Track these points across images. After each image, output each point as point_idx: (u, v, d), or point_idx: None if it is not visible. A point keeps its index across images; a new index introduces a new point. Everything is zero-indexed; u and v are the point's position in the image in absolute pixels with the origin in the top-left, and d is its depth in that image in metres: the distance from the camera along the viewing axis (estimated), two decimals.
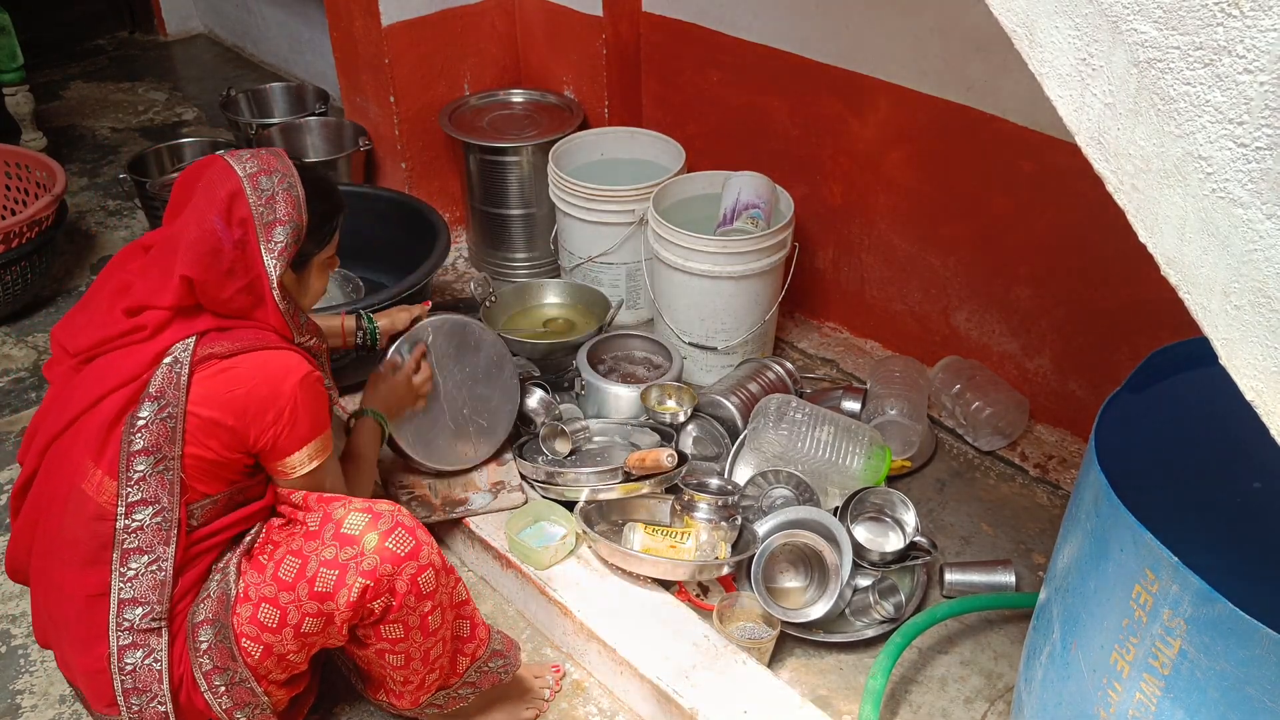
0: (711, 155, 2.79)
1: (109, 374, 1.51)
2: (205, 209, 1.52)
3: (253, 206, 1.52)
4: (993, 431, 2.37)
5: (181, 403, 1.48)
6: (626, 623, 1.88)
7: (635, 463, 2.03)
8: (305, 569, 1.49)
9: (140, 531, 1.49)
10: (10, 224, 2.74)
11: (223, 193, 1.52)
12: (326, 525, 1.51)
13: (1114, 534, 1.18)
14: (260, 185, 1.53)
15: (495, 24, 3.04)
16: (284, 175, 1.56)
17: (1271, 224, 0.76)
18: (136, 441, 1.47)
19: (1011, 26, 0.90)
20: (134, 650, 1.51)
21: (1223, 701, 1.08)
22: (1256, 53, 0.73)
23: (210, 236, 1.50)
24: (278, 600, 1.49)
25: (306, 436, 1.57)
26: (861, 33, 2.36)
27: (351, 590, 1.47)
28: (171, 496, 1.50)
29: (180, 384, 1.48)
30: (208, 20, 5.06)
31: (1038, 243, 2.25)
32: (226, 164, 1.55)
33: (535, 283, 2.76)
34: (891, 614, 1.93)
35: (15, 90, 3.73)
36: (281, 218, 1.54)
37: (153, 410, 1.47)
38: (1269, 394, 0.81)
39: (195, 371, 1.49)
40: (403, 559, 1.50)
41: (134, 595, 1.50)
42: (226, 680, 1.53)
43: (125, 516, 1.48)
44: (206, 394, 1.49)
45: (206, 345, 1.51)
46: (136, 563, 1.49)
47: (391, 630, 1.54)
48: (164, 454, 1.48)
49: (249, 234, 1.53)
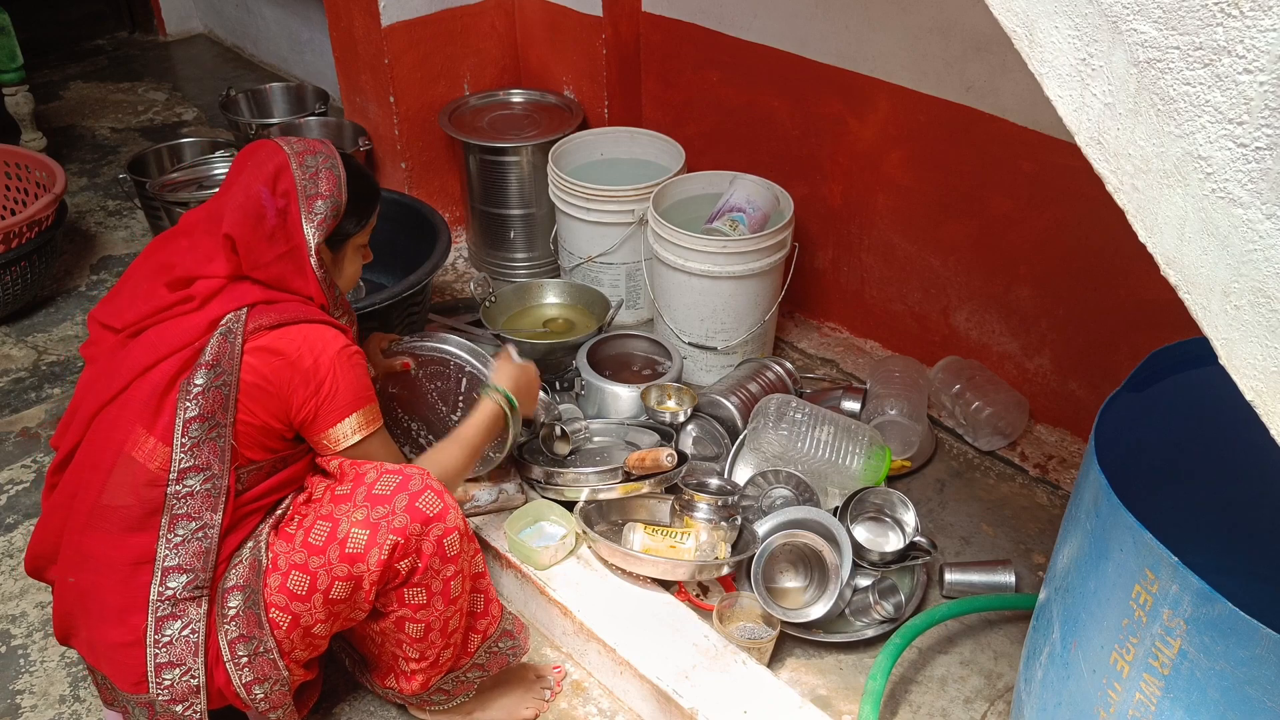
0: (711, 155, 2.79)
1: (160, 343, 1.55)
2: (252, 180, 1.61)
3: (297, 180, 1.62)
4: (993, 431, 2.37)
5: (236, 371, 1.54)
6: (626, 623, 1.88)
7: (635, 462, 2.03)
8: (336, 531, 1.51)
9: (190, 498, 1.53)
10: (10, 224, 2.74)
11: (270, 166, 1.62)
12: (358, 489, 1.55)
13: (1114, 534, 1.18)
14: (305, 162, 1.64)
15: (495, 24, 3.04)
16: (328, 156, 1.67)
17: (1271, 224, 0.76)
18: (191, 408, 1.51)
19: (1011, 26, 0.90)
20: (172, 621, 1.52)
21: (1222, 701, 1.08)
22: (1256, 53, 0.73)
23: (255, 201, 1.59)
24: (308, 565, 1.51)
25: (349, 406, 1.61)
26: (861, 33, 2.36)
27: (383, 548, 1.49)
28: (222, 463, 1.54)
29: (235, 353, 1.54)
30: (207, 20, 5.06)
31: (1038, 243, 2.25)
32: (275, 143, 1.66)
33: (535, 283, 2.76)
34: (891, 614, 1.93)
35: (15, 90, 3.73)
36: (323, 192, 1.63)
37: (208, 378, 1.52)
38: (1268, 394, 0.81)
39: (248, 341, 1.55)
40: (431, 519, 1.53)
41: (178, 562, 1.52)
42: (250, 650, 1.53)
43: (177, 482, 1.52)
44: (256, 363, 1.55)
45: (256, 317, 1.57)
46: (184, 529, 1.53)
47: (414, 595, 1.56)
48: (217, 421, 1.53)
49: (291, 204, 1.61)
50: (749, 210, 2.45)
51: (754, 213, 2.45)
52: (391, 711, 1.85)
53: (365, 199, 1.73)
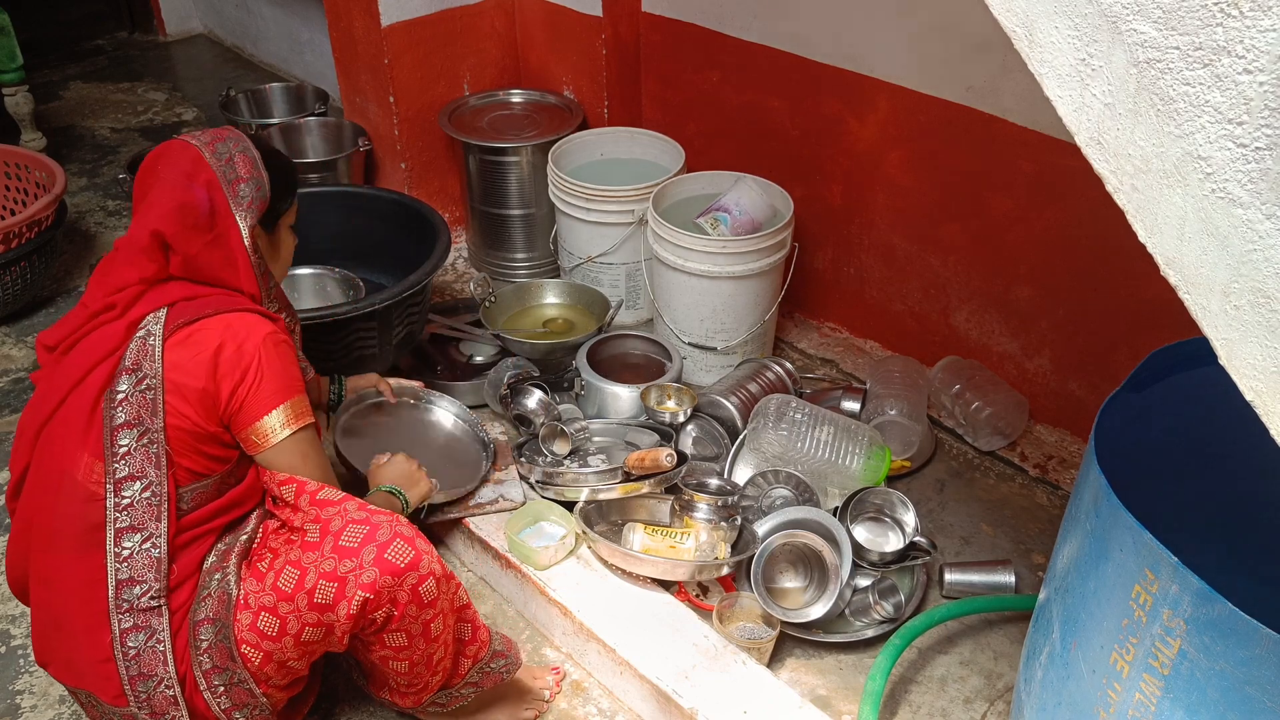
0: (711, 155, 2.79)
1: (87, 355, 1.54)
2: (170, 181, 1.57)
3: (215, 169, 1.58)
4: (992, 431, 2.37)
5: (158, 373, 1.50)
6: (626, 623, 1.88)
7: (634, 463, 2.03)
8: (304, 580, 1.48)
9: (131, 509, 1.50)
10: (10, 224, 2.74)
11: (184, 163, 1.58)
12: (325, 538, 1.50)
13: (1114, 534, 1.18)
14: (217, 151, 1.60)
15: (495, 24, 3.04)
16: (237, 140, 1.64)
17: (1271, 224, 0.76)
18: (118, 415, 1.49)
19: (1011, 26, 0.90)
20: (136, 633, 1.51)
21: (1222, 701, 1.08)
22: (1256, 53, 0.73)
23: (177, 196, 1.56)
24: (277, 610, 1.49)
25: (275, 396, 1.56)
26: (861, 33, 2.36)
27: (352, 603, 1.46)
28: (158, 470, 1.51)
29: (155, 354, 1.51)
30: (207, 20, 5.06)
31: (1038, 243, 2.25)
32: (182, 141, 1.62)
33: (535, 283, 2.76)
34: (891, 614, 1.93)
35: (15, 90, 3.73)
36: (243, 175, 1.60)
37: (130, 383, 1.50)
38: (1268, 394, 0.81)
39: (167, 339, 1.52)
40: (403, 570, 1.49)
41: (130, 575, 1.51)
42: (225, 680, 1.53)
43: (114, 494, 1.50)
44: (177, 360, 1.52)
45: (177, 314, 1.54)
46: (130, 541, 1.51)
47: (394, 639, 1.55)
48: (146, 426, 1.50)
49: (215, 194, 1.57)
50: (734, 212, 2.45)
51: (740, 215, 2.45)
52: (391, 714, 1.85)
53: (285, 174, 1.70)
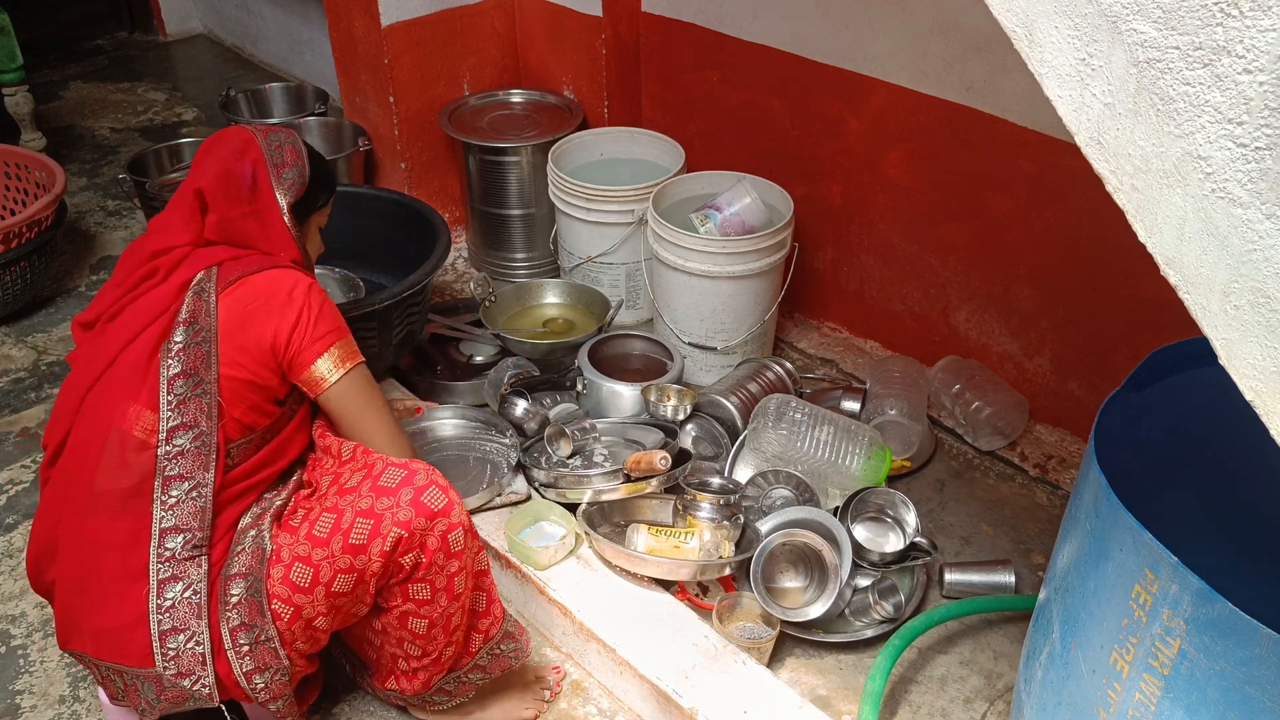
0: (711, 155, 2.79)
1: (135, 319, 1.59)
2: (219, 155, 1.68)
3: (264, 150, 1.70)
4: (992, 431, 2.37)
5: (213, 326, 1.57)
6: (626, 623, 1.88)
7: (631, 465, 2.03)
8: (340, 521, 1.53)
9: (181, 457, 1.54)
10: (10, 224, 2.74)
11: (237, 141, 1.70)
12: (365, 481, 1.57)
13: (1114, 534, 1.18)
14: (269, 138, 1.72)
15: (495, 24, 3.04)
16: (289, 134, 1.77)
17: (1271, 224, 0.76)
18: (173, 366, 1.55)
19: (1011, 26, 0.90)
20: (173, 584, 1.53)
21: (1222, 701, 1.08)
22: (1256, 53, 0.73)
23: (224, 167, 1.66)
24: (311, 558, 1.52)
25: (328, 336, 1.63)
26: (861, 33, 2.36)
27: (386, 540, 1.51)
28: (210, 420, 1.56)
29: (210, 309, 1.58)
30: (207, 20, 5.06)
31: (1037, 243, 2.25)
32: (239, 126, 1.75)
33: (535, 282, 2.76)
34: (891, 614, 1.93)
35: (15, 90, 3.73)
36: (289, 161, 1.71)
37: (187, 335, 1.56)
38: (1268, 394, 0.81)
39: (221, 293, 1.59)
40: (436, 514, 1.54)
41: (175, 523, 1.54)
42: (251, 639, 1.54)
43: (166, 442, 1.54)
44: (230, 312, 1.59)
45: (227, 271, 1.61)
46: (178, 489, 1.54)
47: (418, 590, 1.57)
48: (200, 377, 1.56)
49: (260, 171, 1.68)
50: (725, 212, 2.45)
51: (730, 216, 2.45)
52: (391, 713, 1.85)
53: (326, 175, 1.81)
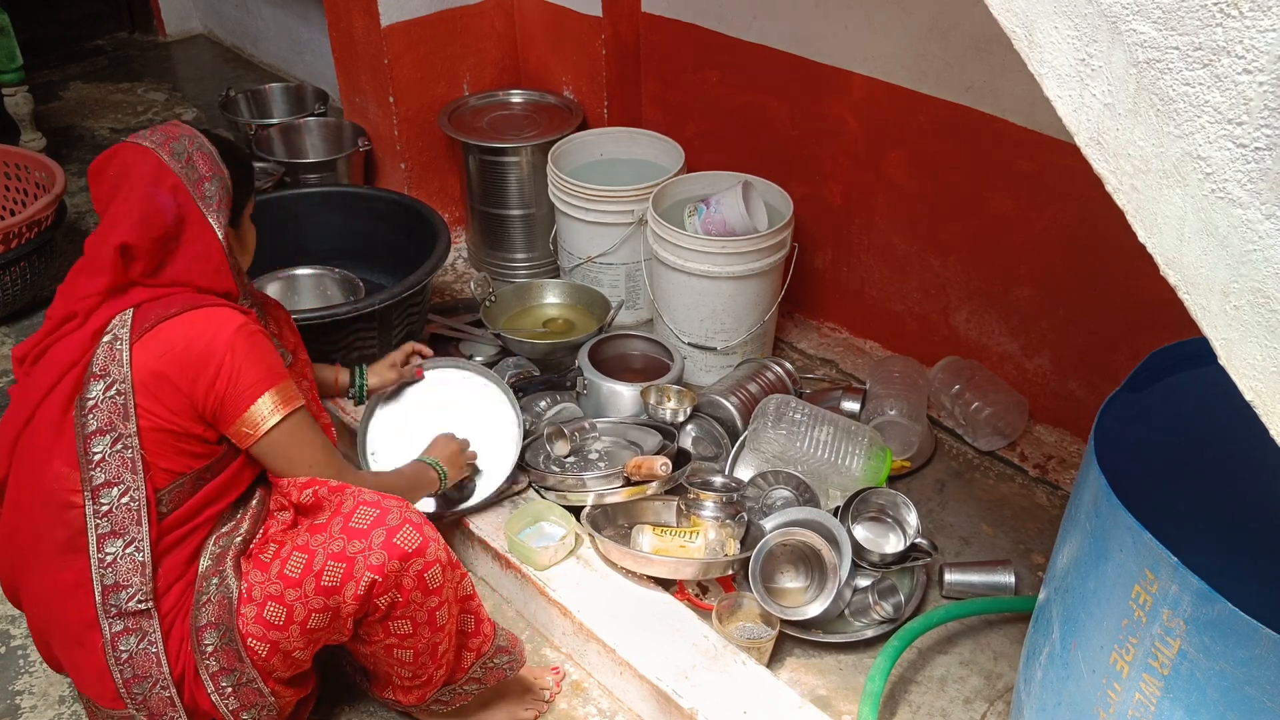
0: (711, 155, 2.79)
1: (53, 365, 1.52)
2: (131, 189, 1.52)
3: (177, 171, 1.54)
4: (992, 431, 2.37)
5: (127, 377, 1.47)
6: (626, 623, 1.88)
7: (632, 469, 2.03)
8: (312, 564, 1.49)
9: (110, 515, 1.48)
10: (9, 224, 2.74)
11: (145, 169, 1.53)
12: (334, 520, 1.53)
13: (1113, 534, 1.18)
14: (175, 151, 1.55)
15: (494, 24, 3.04)
16: (191, 137, 1.58)
17: (1270, 224, 0.76)
18: (90, 423, 1.47)
19: (1011, 26, 0.90)
20: (127, 636, 1.51)
21: (1222, 701, 1.08)
22: (1255, 53, 0.73)
23: (142, 205, 1.51)
24: (284, 598, 1.50)
25: (259, 385, 1.52)
26: (861, 33, 2.36)
27: (359, 583, 1.48)
28: (135, 475, 1.48)
29: (122, 359, 1.47)
30: (207, 21, 5.06)
31: (1038, 243, 2.25)
32: (135, 145, 1.56)
33: (535, 283, 2.76)
34: (891, 614, 1.93)
35: (14, 91, 3.73)
36: (205, 174, 1.56)
37: (100, 389, 1.47)
38: (1268, 394, 0.81)
39: (135, 342, 1.49)
40: (410, 555, 1.51)
41: (115, 580, 1.50)
42: (234, 681, 1.53)
43: (93, 501, 1.48)
44: (145, 361, 1.48)
45: (143, 316, 1.50)
46: (113, 547, 1.49)
47: (399, 626, 1.55)
48: (119, 431, 1.47)
49: (182, 198, 1.54)
50: (710, 210, 2.47)
51: (714, 214, 2.46)
52: (392, 714, 1.85)
53: (243, 166, 1.66)
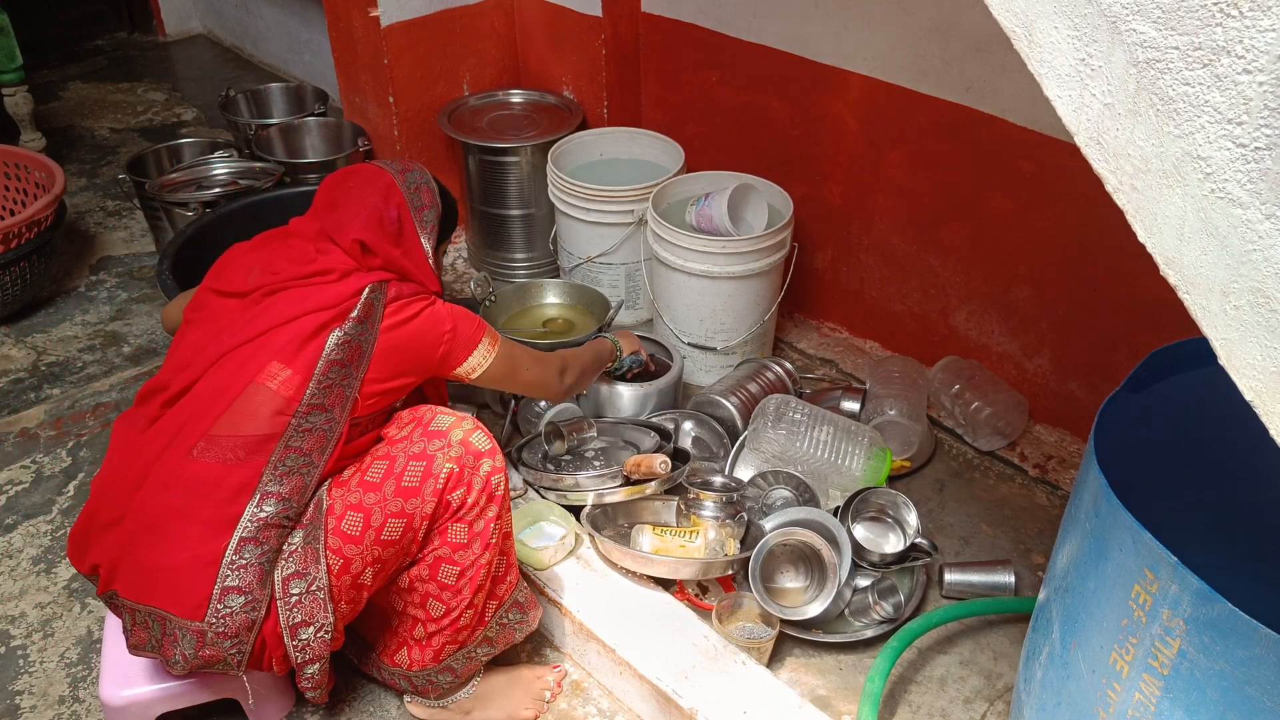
0: (710, 155, 2.79)
1: (305, 302, 1.66)
2: (365, 198, 1.77)
3: (405, 195, 1.81)
4: (992, 431, 2.37)
5: (374, 334, 1.67)
6: (626, 623, 1.88)
7: (631, 467, 2.03)
8: (394, 466, 1.60)
9: (308, 434, 1.61)
10: (9, 224, 2.74)
11: (379, 184, 1.80)
12: (415, 428, 1.67)
13: (1113, 534, 1.18)
14: (407, 180, 1.83)
15: (494, 24, 3.04)
16: (422, 173, 1.88)
17: (1270, 224, 0.76)
18: (335, 353, 1.63)
19: (1011, 27, 0.90)
20: (253, 546, 1.54)
21: (1222, 701, 1.08)
22: (1255, 53, 0.73)
23: (374, 212, 1.76)
24: (362, 504, 1.58)
25: (471, 339, 1.78)
26: (861, 33, 2.36)
27: (438, 478, 1.59)
28: (342, 410, 1.64)
29: (377, 317, 1.68)
30: (207, 21, 5.06)
31: (1037, 243, 2.25)
32: (376, 166, 1.85)
33: (535, 282, 2.76)
34: (890, 614, 1.93)
35: (14, 91, 3.73)
36: (426, 204, 1.84)
37: (355, 330, 1.65)
38: (1268, 394, 0.81)
39: (389, 305, 1.69)
40: (482, 454, 1.64)
41: (278, 490, 1.57)
42: (303, 588, 1.55)
43: (303, 415, 1.60)
44: (389, 329, 1.69)
45: (395, 289, 1.72)
46: (292, 461, 1.59)
47: (457, 532, 1.63)
48: (351, 371, 1.64)
49: (404, 216, 1.79)
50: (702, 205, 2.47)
51: (705, 209, 2.47)
52: (391, 712, 1.85)
53: (451, 211, 1.94)
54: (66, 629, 2.04)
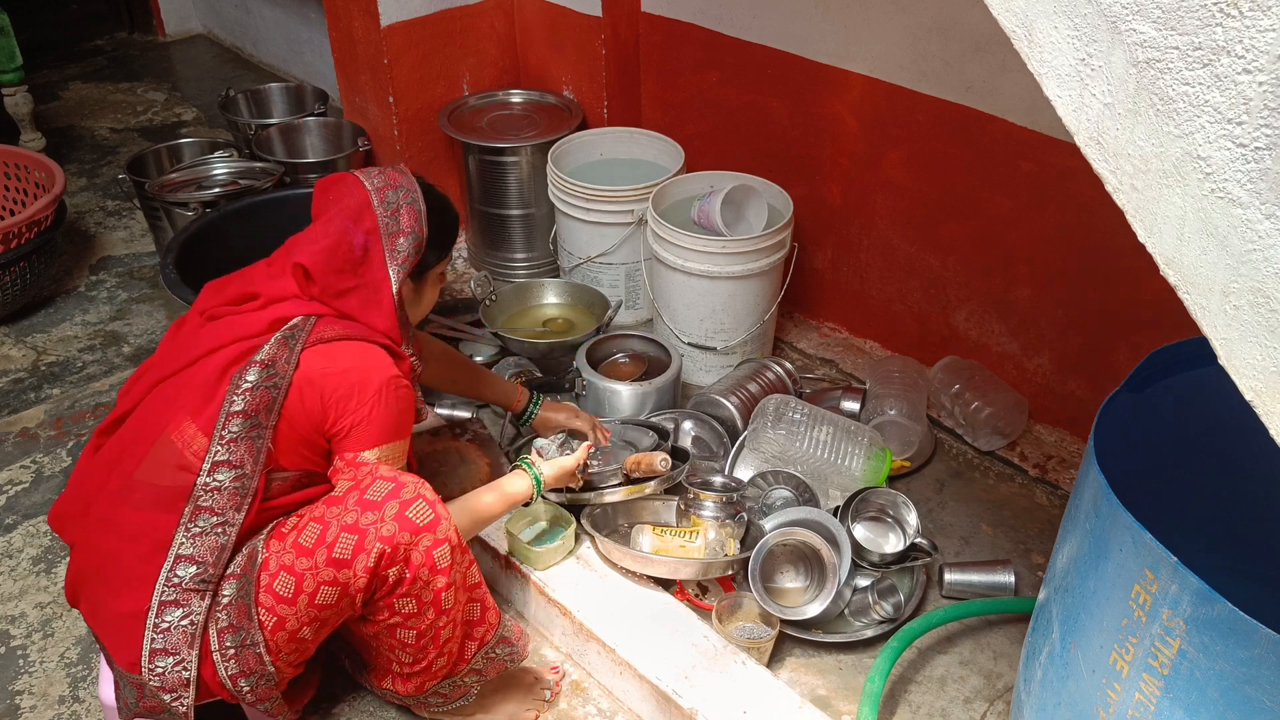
0: (710, 155, 2.79)
1: (224, 332, 1.60)
2: (335, 216, 1.65)
3: (379, 217, 1.64)
4: (992, 431, 2.37)
5: (288, 375, 1.56)
6: (626, 623, 1.88)
7: (632, 466, 2.03)
8: (325, 534, 1.51)
9: (217, 492, 1.53)
10: (9, 224, 2.74)
11: (352, 203, 1.65)
12: (350, 492, 1.55)
13: (1113, 534, 1.18)
14: (386, 199, 1.66)
15: (494, 24, 3.04)
16: (408, 190, 1.68)
17: (1270, 224, 0.76)
18: (237, 403, 1.53)
19: (1011, 26, 0.90)
20: (174, 608, 1.52)
21: (1222, 701, 1.08)
22: (1255, 53, 0.73)
23: (334, 236, 1.63)
24: (294, 567, 1.51)
25: (381, 437, 1.60)
26: (861, 33, 2.36)
27: (369, 555, 1.49)
28: (255, 464, 1.55)
29: (292, 358, 1.56)
30: (206, 20, 5.06)
31: (1037, 243, 2.25)
32: (356, 179, 1.68)
33: (535, 282, 2.76)
34: (890, 614, 1.93)
35: (14, 91, 3.73)
36: (404, 229, 1.65)
37: (259, 375, 1.54)
38: (1267, 394, 0.81)
39: (308, 348, 1.58)
40: (420, 529, 1.52)
41: (192, 553, 1.53)
42: (238, 642, 1.53)
43: (207, 474, 1.53)
44: (308, 372, 1.57)
45: (323, 326, 1.60)
46: (204, 522, 1.53)
47: (404, 604, 1.56)
48: (259, 421, 1.54)
49: (373, 242, 1.64)
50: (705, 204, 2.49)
51: (704, 205, 2.48)
52: (391, 712, 1.85)
53: (446, 231, 1.76)
54: (66, 629, 2.04)
